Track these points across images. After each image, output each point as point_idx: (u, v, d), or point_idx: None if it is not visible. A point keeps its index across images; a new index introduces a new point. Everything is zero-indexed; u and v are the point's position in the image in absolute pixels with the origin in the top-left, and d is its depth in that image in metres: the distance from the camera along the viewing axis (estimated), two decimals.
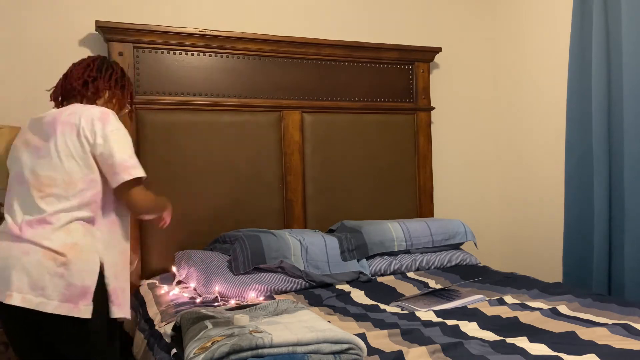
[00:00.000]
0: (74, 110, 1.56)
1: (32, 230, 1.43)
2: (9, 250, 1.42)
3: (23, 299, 1.37)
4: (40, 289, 1.38)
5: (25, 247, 1.41)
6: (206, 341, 1.27)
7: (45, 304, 1.38)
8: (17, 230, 1.43)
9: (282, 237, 2.20)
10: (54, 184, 1.47)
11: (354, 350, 1.30)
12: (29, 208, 1.47)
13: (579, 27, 2.51)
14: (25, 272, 1.38)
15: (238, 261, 2.06)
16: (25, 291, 1.38)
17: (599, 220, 2.39)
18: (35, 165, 1.51)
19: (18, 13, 2.25)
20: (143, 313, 1.95)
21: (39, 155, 1.51)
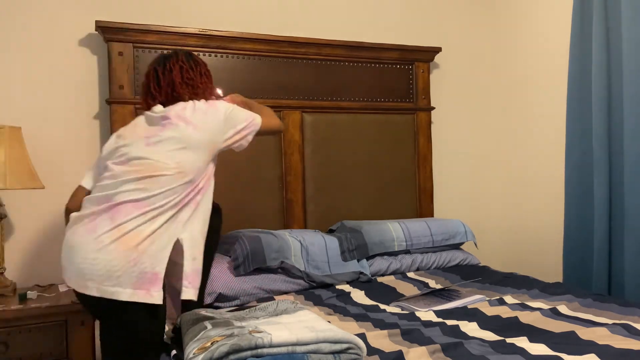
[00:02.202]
0: (184, 106, 1.68)
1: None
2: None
3: (98, 289, 1.43)
4: (115, 278, 1.42)
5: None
6: (206, 341, 1.27)
7: (119, 292, 1.43)
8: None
9: (283, 238, 2.20)
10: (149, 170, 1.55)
11: (353, 350, 1.30)
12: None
13: (579, 27, 2.51)
14: (98, 266, 1.44)
15: (238, 262, 2.06)
16: (100, 281, 1.42)
17: (599, 220, 2.39)
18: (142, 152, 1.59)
19: (18, 13, 2.25)
20: None
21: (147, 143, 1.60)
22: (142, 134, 1.63)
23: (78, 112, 2.35)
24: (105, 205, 1.50)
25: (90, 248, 1.45)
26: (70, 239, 1.51)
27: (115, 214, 1.48)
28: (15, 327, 1.86)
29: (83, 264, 1.45)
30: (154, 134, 1.62)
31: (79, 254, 1.46)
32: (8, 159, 1.99)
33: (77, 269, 1.46)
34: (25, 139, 2.19)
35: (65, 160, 2.32)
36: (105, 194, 1.53)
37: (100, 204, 1.52)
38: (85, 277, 1.44)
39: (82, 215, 1.53)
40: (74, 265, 1.47)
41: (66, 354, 1.93)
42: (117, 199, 1.50)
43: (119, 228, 1.46)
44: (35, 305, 1.88)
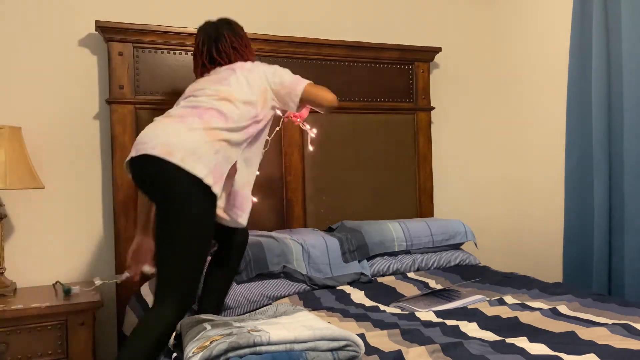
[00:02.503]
0: (242, 64, 1.89)
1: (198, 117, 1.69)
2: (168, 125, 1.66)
3: (182, 160, 1.57)
4: (198, 157, 1.58)
5: (189, 124, 1.65)
6: (205, 341, 1.27)
7: (199, 169, 1.57)
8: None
9: (284, 242, 2.18)
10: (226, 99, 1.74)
11: (351, 347, 1.30)
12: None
13: (579, 27, 2.51)
14: (187, 141, 1.60)
15: (240, 268, 2.04)
16: (185, 154, 1.57)
17: (599, 220, 2.39)
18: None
19: (18, 13, 2.26)
20: None
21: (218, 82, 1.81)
22: (212, 80, 1.83)
23: (78, 112, 2.35)
24: (191, 110, 1.70)
25: (180, 128, 1.63)
26: (157, 124, 1.68)
27: (203, 114, 1.68)
28: (15, 327, 1.87)
29: (172, 138, 1.60)
30: (223, 77, 1.82)
31: (168, 130, 1.63)
32: (8, 159, 1.99)
33: (165, 140, 1.59)
34: (25, 139, 2.19)
35: (65, 160, 2.32)
36: (191, 104, 1.73)
37: (186, 107, 1.72)
38: (172, 146, 1.58)
39: (169, 114, 1.73)
40: (160, 138, 1.60)
41: (66, 354, 1.93)
42: (203, 106, 1.71)
43: (206, 123, 1.66)
44: (35, 305, 1.88)
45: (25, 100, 2.26)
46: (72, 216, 2.32)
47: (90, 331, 1.97)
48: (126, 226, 2.29)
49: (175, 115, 1.71)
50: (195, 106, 1.72)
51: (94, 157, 2.37)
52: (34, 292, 2.08)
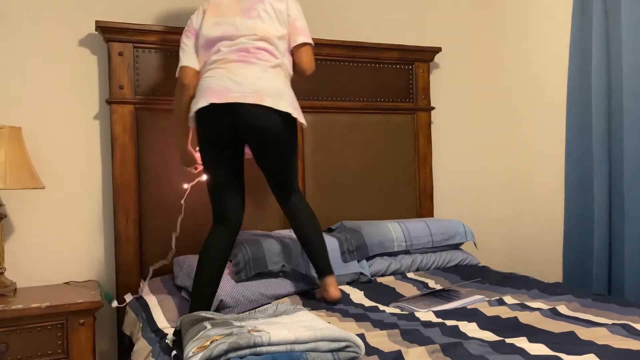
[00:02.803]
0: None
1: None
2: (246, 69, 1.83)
3: (274, 103, 1.79)
4: (282, 98, 1.82)
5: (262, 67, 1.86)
6: (205, 340, 1.27)
7: (291, 110, 1.82)
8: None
9: (283, 241, 2.19)
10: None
11: (351, 348, 1.30)
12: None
13: (579, 27, 2.51)
14: (270, 84, 1.82)
15: (239, 267, 2.03)
16: (274, 98, 1.80)
17: (599, 220, 2.39)
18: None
19: (18, 13, 2.26)
20: (148, 319, 1.91)
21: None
22: (239, 9, 1.91)
23: (78, 112, 2.35)
24: (246, 54, 1.85)
25: (256, 70, 1.82)
26: (229, 71, 1.82)
27: (258, 54, 1.85)
28: (15, 327, 1.87)
29: (258, 83, 1.79)
30: (251, 7, 1.91)
31: (250, 76, 1.80)
32: (8, 159, 1.99)
33: (253, 88, 1.78)
34: (25, 139, 2.19)
35: (65, 160, 2.32)
36: (237, 46, 1.86)
37: (239, 52, 1.86)
38: (261, 92, 1.78)
39: (228, 59, 1.85)
40: (245, 86, 1.78)
41: (66, 354, 1.94)
42: (250, 47, 1.86)
43: (269, 62, 1.86)
44: (35, 305, 1.88)
45: (25, 100, 2.26)
46: (72, 216, 2.33)
47: (90, 331, 1.97)
48: (126, 226, 2.29)
49: (235, 60, 1.85)
50: (244, 49, 1.86)
51: (94, 157, 2.37)
52: (34, 292, 2.08)
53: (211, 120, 1.83)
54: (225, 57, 1.87)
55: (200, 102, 1.82)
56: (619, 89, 2.35)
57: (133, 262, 2.29)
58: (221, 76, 1.82)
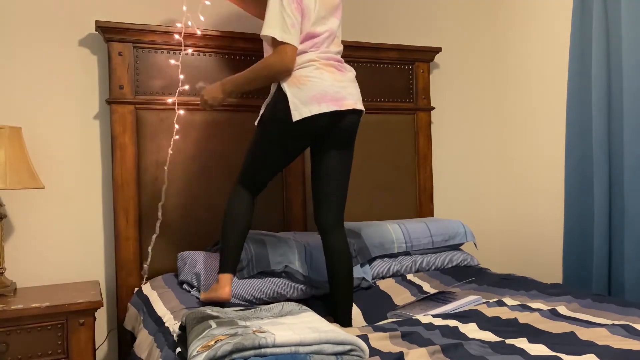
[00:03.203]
0: None
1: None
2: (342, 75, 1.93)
3: (363, 108, 1.96)
4: (360, 101, 1.96)
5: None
6: (209, 340, 1.27)
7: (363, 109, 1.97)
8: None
9: (287, 242, 2.18)
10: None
11: (356, 352, 1.30)
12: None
13: (579, 27, 2.51)
14: (358, 92, 1.96)
15: (242, 265, 2.04)
16: (357, 101, 1.94)
17: (599, 220, 2.39)
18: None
19: (18, 13, 2.25)
20: (149, 311, 1.93)
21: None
22: (332, 5, 1.94)
23: (78, 112, 2.35)
24: (338, 60, 1.94)
25: (350, 77, 1.94)
26: (335, 76, 1.88)
27: (341, 66, 1.94)
28: (15, 327, 1.87)
29: (351, 89, 1.90)
30: (337, 6, 1.97)
31: (351, 83, 1.92)
32: (8, 159, 1.99)
33: (357, 95, 1.92)
34: (25, 139, 2.19)
35: (65, 160, 2.32)
36: (335, 53, 1.95)
37: (335, 59, 1.93)
38: (359, 99, 1.93)
39: (328, 63, 1.90)
40: (354, 95, 1.91)
41: (66, 354, 1.94)
42: (340, 55, 1.98)
43: (352, 74, 1.96)
44: (35, 305, 1.88)
45: (25, 100, 2.26)
46: (72, 216, 2.32)
47: (90, 331, 1.97)
48: (126, 226, 2.29)
49: (334, 66, 1.90)
50: (336, 57, 1.95)
51: (94, 157, 2.37)
52: (34, 292, 2.08)
53: (317, 121, 1.82)
54: (324, 59, 1.89)
55: (323, 106, 1.80)
56: (619, 89, 2.35)
57: (133, 262, 2.29)
58: (332, 81, 1.85)
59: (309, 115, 1.79)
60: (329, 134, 1.89)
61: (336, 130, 1.89)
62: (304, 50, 1.86)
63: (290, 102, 1.80)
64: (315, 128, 1.84)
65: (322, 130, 1.87)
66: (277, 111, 1.84)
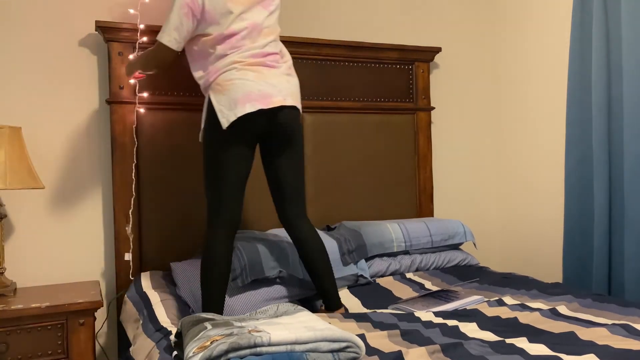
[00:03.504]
0: None
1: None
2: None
3: (300, 105, 1.93)
4: (297, 97, 1.92)
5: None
6: (205, 341, 1.27)
7: (300, 106, 1.94)
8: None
9: (280, 245, 2.14)
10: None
11: (352, 348, 1.30)
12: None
13: (579, 27, 2.51)
14: (294, 88, 1.93)
15: (236, 274, 1.98)
16: (294, 98, 1.90)
17: (599, 220, 2.39)
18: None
19: (18, 13, 2.25)
20: (150, 316, 1.90)
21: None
22: (251, 1, 1.89)
23: (78, 112, 2.35)
24: (269, 57, 1.89)
25: (283, 73, 1.89)
26: (262, 75, 1.84)
27: (279, 57, 1.92)
28: (15, 327, 1.87)
29: (289, 86, 1.88)
30: (269, 2, 1.93)
31: (282, 79, 1.87)
32: (8, 159, 1.99)
33: (288, 91, 1.86)
34: (25, 139, 2.19)
35: (65, 160, 2.32)
36: (263, 50, 1.89)
37: (265, 55, 1.89)
38: (295, 94, 1.89)
39: (254, 61, 1.86)
40: (283, 90, 1.85)
41: (66, 354, 1.94)
42: (272, 50, 1.91)
43: (286, 63, 1.93)
44: (35, 305, 1.88)
45: (25, 100, 2.26)
46: (72, 216, 2.32)
47: (91, 331, 1.97)
48: (126, 226, 2.29)
49: (261, 64, 1.87)
50: (267, 53, 1.89)
51: (94, 157, 2.37)
52: (34, 292, 2.08)
53: (249, 123, 1.81)
54: (247, 59, 1.85)
55: (247, 107, 1.78)
56: (619, 89, 2.35)
57: (133, 262, 2.29)
58: (256, 80, 1.82)
59: (234, 119, 1.78)
60: (268, 132, 1.87)
61: (274, 129, 1.86)
62: (224, 53, 1.85)
63: (217, 110, 1.81)
64: (248, 130, 1.82)
65: (257, 131, 1.84)
66: (210, 121, 1.85)
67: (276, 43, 1.94)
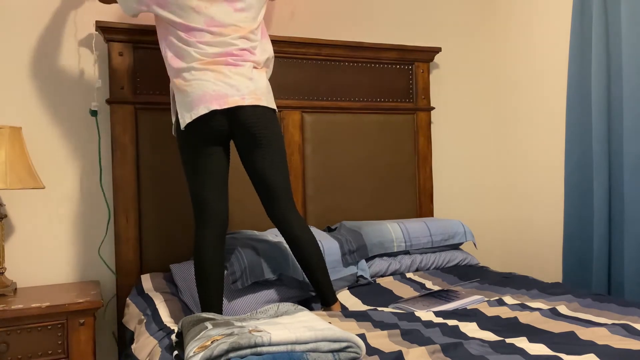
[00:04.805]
0: None
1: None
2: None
3: (256, 99, 1.84)
4: (261, 94, 1.86)
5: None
6: (206, 340, 1.27)
7: (268, 104, 1.88)
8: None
9: (279, 247, 2.13)
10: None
11: (352, 348, 1.30)
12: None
13: (579, 27, 2.52)
14: (260, 84, 1.87)
15: (236, 276, 1.98)
16: (255, 96, 1.85)
17: (599, 220, 2.39)
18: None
19: (18, 13, 2.26)
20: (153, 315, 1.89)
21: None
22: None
23: (78, 112, 2.35)
24: (231, 57, 1.84)
25: (246, 71, 1.84)
26: (221, 74, 1.81)
27: (244, 55, 1.86)
28: (15, 327, 1.87)
29: (251, 85, 1.83)
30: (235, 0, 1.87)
31: (243, 78, 1.83)
32: (8, 159, 1.99)
33: (249, 90, 1.82)
34: (25, 139, 2.19)
35: (65, 160, 2.32)
36: (225, 49, 1.84)
37: (227, 55, 1.84)
38: (257, 92, 1.84)
39: (214, 60, 1.82)
40: (242, 89, 1.81)
41: (66, 354, 1.94)
42: (236, 49, 1.85)
43: (254, 62, 1.88)
44: (36, 305, 1.88)
45: (25, 100, 2.26)
46: (72, 216, 2.33)
47: (91, 331, 1.97)
48: (126, 226, 2.29)
49: (222, 63, 1.83)
50: (229, 52, 1.84)
51: (94, 157, 2.37)
52: (34, 292, 2.08)
53: (207, 123, 1.80)
54: (208, 57, 1.82)
55: (200, 109, 1.78)
56: (619, 90, 2.35)
57: (133, 262, 2.30)
58: (214, 80, 1.80)
59: (190, 121, 1.79)
60: (232, 133, 1.86)
61: (237, 129, 1.84)
62: (186, 45, 1.83)
63: (177, 111, 1.84)
64: (207, 130, 1.81)
65: (217, 130, 1.82)
66: (176, 117, 1.90)
67: (245, 40, 1.87)
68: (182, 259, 2.37)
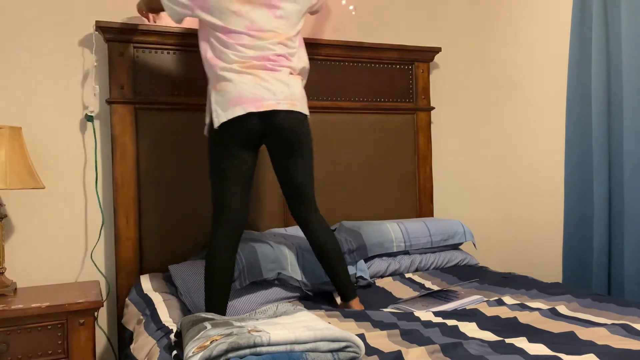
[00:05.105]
0: None
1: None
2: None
3: (291, 105, 1.89)
4: (296, 100, 1.92)
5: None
6: (205, 340, 1.27)
7: (303, 110, 1.95)
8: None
9: (278, 247, 2.13)
10: None
11: (351, 348, 1.30)
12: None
13: (579, 27, 2.51)
14: (296, 90, 1.92)
15: (234, 276, 1.98)
16: (292, 101, 1.90)
17: (599, 220, 2.39)
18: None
19: (18, 13, 2.26)
20: (152, 315, 1.90)
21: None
22: (263, 1, 1.90)
23: (78, 112, 2.35)
24: (269, 62, 1.88)
25: (283, 77, 1.88)
26: (258, 78, 1.85)
27: (281, 61, 1.90)
28: (15, 327, 1.87)
29: (287, 90, 1.87)
30: (276, 4, 1.92)
31: (280, 83, 1.86)
32: (8, 159, 1.99)
33: (285, 95, 1.85)
34: (25, 139, 2.19)
35: (65, 160, 2.32)
36: (263, 53, 1.88)
37: (264, 59, 1.88)
38: (293, 98, 1.87)
39: (252, 64, 1.86)
40: (278, 94, 1.84)
41: (66, 354, 1.94)
42: (273, 54, 1.89)
43: (290, 68, 1.92)
44: (36, 305, 1.88)
45: (25, 100, 2.27)
46: (72, 216, 2.33)
47: (91, 331, 1.97)
48: (126, 226, 2.29)
49: (259, 67, 1.86)
50: (266, 56, 1.88)
51: (94, 157, 2.37)
52: (34, 292, 2.08)
53: (241, 125, 1.83)
54: (247, 60, 1.86)
55: (237, 109, 1.81)
56: (619, 89, 2.35)
57: (133, 262, 2.30)
58: (252, 83, 1.83)
59: (225, 120, 1.82)
60: (266, 136, 1.89)
61: (272, 133, 1.88)
62: (226, 48, 1.87)
63: (213, 110, 1.86)
64: (241, 131, 1.84)
65: (252, 132, 1.86)
66: (210, 117, 1.92)
67: (283, 46, 1.92)
68: (181, 259, 2.37)
